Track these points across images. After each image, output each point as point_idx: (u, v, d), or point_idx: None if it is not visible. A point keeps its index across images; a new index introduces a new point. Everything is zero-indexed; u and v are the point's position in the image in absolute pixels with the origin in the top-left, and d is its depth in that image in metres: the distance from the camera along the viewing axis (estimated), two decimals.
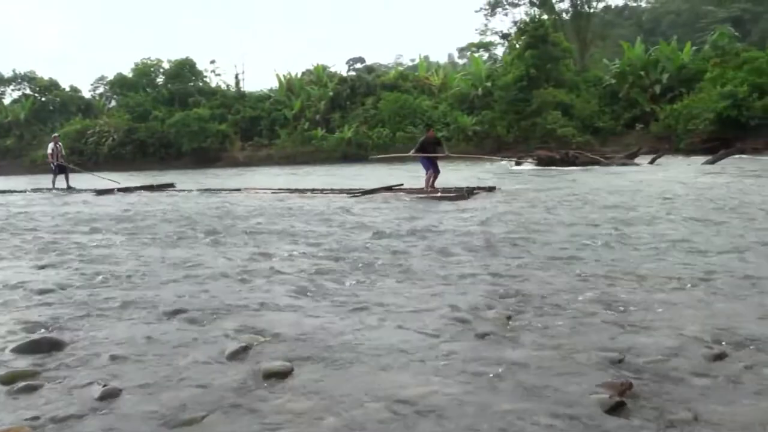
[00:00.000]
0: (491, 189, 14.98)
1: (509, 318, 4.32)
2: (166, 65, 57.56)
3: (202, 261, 6.82)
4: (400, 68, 67.99)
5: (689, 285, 5.14)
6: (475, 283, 5.49)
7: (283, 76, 57.01)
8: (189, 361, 3.64)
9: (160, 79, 57.98)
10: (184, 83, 55.68)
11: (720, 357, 3.49)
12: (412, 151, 15.70)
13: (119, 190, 19.24)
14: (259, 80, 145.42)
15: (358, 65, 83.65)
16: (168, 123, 49.57)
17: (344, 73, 62.04)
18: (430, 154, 15.12)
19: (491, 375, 3.32)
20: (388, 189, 15.41)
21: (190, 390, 3.23)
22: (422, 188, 14.75)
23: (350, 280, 5.70)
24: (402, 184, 16.21)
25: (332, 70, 59.22)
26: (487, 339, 3.92)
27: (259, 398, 3.12)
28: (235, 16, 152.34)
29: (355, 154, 43.12)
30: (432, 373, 3.39)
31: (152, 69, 57.85)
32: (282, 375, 3.39)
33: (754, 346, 3.65)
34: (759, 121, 33.17)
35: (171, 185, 20.65)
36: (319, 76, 56.48)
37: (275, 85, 57.88)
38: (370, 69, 69.93)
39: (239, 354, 3.73)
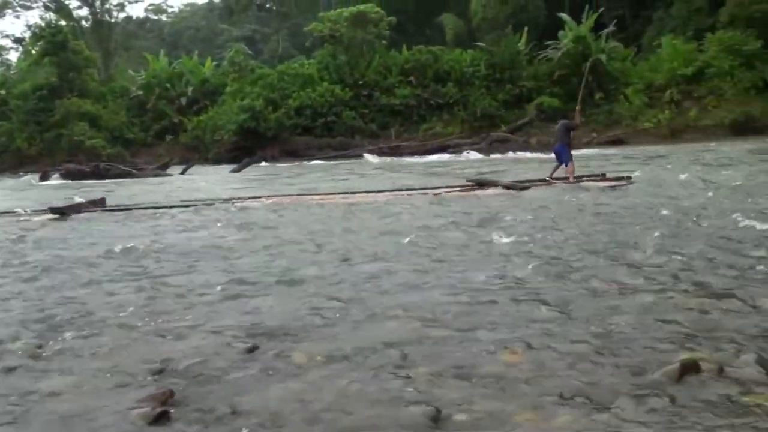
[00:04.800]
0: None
1: (39, 346, 3.96)
2: None
3: None
4: None
5: (219, 288, 5.36)
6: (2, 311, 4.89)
7: None
8: None
9: None
10: None
11: (253, 349, 3.77)
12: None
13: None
14: None
15: None
16: None
17: None
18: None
19: (20, 412, 3.01)
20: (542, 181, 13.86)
21: None
22: (566, 178, 13.92)
23: None
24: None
25: None
26: (13, 373, 3.54)
27: None
28: None
29: None
30: None
31: None
32: None
33: (283, 335, 4.04)
34: (274, 132, 36.97)
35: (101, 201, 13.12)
36: None
37: None
38: None
39: None
